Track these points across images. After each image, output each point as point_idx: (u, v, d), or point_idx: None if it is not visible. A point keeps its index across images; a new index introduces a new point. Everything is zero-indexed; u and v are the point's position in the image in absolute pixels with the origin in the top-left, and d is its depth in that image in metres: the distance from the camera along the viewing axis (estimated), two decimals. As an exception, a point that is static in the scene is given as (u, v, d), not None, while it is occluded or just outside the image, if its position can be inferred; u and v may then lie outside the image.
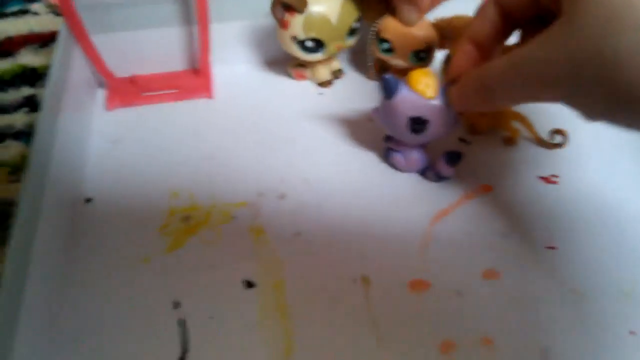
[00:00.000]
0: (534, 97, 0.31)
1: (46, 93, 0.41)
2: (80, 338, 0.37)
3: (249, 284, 0.39)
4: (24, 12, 0.63)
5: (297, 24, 0.45)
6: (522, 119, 0.46)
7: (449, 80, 0.38)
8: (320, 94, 0.52)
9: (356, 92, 0.52)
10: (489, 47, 0.37)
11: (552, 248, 0.40)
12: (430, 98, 0.38)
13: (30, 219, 0.35)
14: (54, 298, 0.37)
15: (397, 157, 0.44)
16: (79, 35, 0.46)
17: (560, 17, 0.28)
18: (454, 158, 0.42)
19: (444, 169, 0.42)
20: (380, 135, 0.45)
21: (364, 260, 0.40)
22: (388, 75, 0.38)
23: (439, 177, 0.44)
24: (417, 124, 0.39)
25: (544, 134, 0.46)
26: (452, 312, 0.37)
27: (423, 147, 0.43)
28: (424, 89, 0.38)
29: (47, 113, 0.40)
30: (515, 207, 0.43)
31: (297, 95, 0.52)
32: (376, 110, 0.41)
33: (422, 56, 0.45)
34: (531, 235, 0.41)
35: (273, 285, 0.39)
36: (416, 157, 0.43)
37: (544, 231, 0.41)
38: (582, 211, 0.43)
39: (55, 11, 0.63)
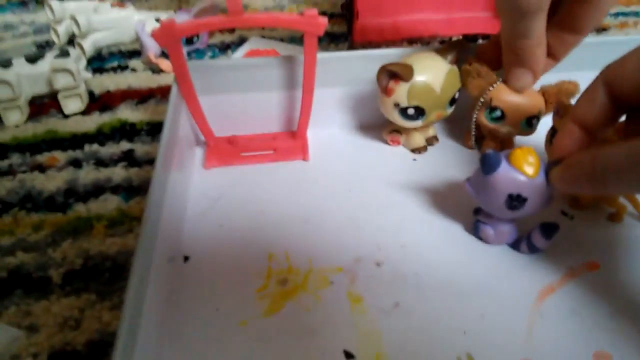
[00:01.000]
0: None
1: (160, 150, 0.42)
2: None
3: (349, 355, 0.38)
4: (123, 68, 0.66)
5: (401, 92, 0.45)
6: (629, 195, 0.44)
7: (552, 160, 0.37)
8: (414, 159, 0.52)
9: (450, 159, 0.52)
10: (595, 129, 0.36)
11: (668, 334, 0.38)
12: (531, 177, 0.38)
13: (144, 275, 0.35)
14: (154, 356, 0.37)
15: (487, 230, 0.43)
16: (188, 96, 0.47)
17: None
18: (550, 230, 0.41)
19: (539, 241, 0.42)
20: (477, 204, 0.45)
21: (468, 335, 0.39)
22: (490, 151, 0.38)
23: (532, 249, 0.43)
24: (516, 201, 0.38)
25: (652, 212, 0.45)
26: (564, 399, 0.36)
27: (513, 220, 0.43)
28: (526, 167, 0.38)
29: (160, 170, 0.40)
30: (625, 287, 0.41)
31: (391, 160, 0.52)
32: (470, 182, 0.41)
33: (533, 122, 0.45)
34: (643, 318, 0.39)
35: (373, 358, 0.38)
36: (507, 230, 0.43)
37: (657, 315, 0.39)
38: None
39: (153, 68, 0.65)
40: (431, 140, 0.52)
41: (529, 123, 0.46)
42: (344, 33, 0.73)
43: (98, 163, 0.54)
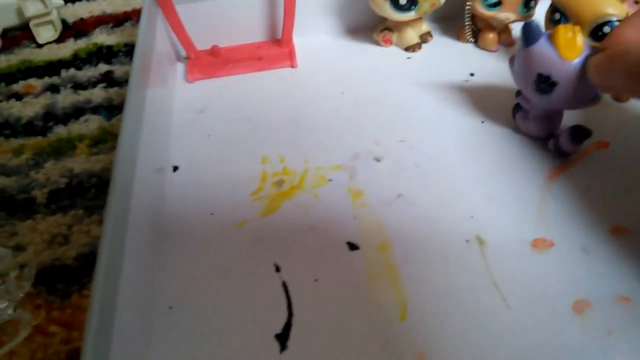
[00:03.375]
0: None
1: (134, 62, 0.39)
2: (178, 304, 0.34)
3: (352, 246, 0.36)
4: (96, -5, 0.63)
5: (391, -21, 0.43)
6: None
7: (599, 47, 0.33)
8: (409, 58, 0.49)
9: (445, 56, 0.49)
10: None
11: (682, 201, 0.36)
12: (567, 59, 0.33)
13: (125, 188, 0.33)
14: (150, 265, 0.35)
15: (520, 115, 0.40)
16: (165, 5, 0.44)
17: None
18: (579, 134, 0.37)
19: (567, 144, 0.38)
20: (477, 98, 0.43)
21: (476, 220, 0.37)
22: (532, 21, 0.34)
23: (559, 151, 0.39)
24: (544, 83, 0.34)
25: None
26: (582, 271, 0.34)
27: (554, 114, 0.39)
28: (564, 46, 0.33)
29: (136, 82, 0.38)
30: (636, 161, 0.39)
31: (384, 60, 0.49)
32: (513, 58, 0.38)
33: (531, 5, 0.43)
34: (657, 189, 0.37)
35: (378, 247, 0.36)
36: (537, 121, 0.39)
37: (671, 185, 0.38)
38: None
39: (127, -7, 0.62)
40: (425, 37, 0.50)
41: (527, 5, 0.43)
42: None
43: (76, 87, 0.52)
